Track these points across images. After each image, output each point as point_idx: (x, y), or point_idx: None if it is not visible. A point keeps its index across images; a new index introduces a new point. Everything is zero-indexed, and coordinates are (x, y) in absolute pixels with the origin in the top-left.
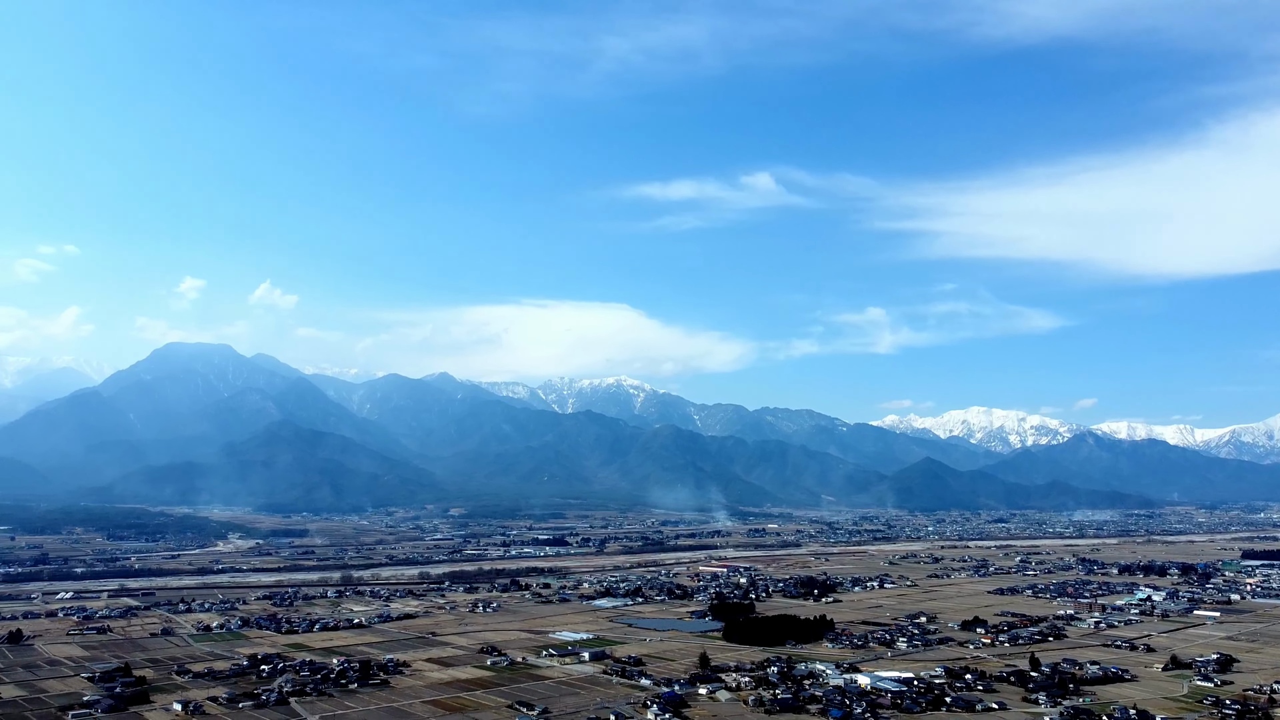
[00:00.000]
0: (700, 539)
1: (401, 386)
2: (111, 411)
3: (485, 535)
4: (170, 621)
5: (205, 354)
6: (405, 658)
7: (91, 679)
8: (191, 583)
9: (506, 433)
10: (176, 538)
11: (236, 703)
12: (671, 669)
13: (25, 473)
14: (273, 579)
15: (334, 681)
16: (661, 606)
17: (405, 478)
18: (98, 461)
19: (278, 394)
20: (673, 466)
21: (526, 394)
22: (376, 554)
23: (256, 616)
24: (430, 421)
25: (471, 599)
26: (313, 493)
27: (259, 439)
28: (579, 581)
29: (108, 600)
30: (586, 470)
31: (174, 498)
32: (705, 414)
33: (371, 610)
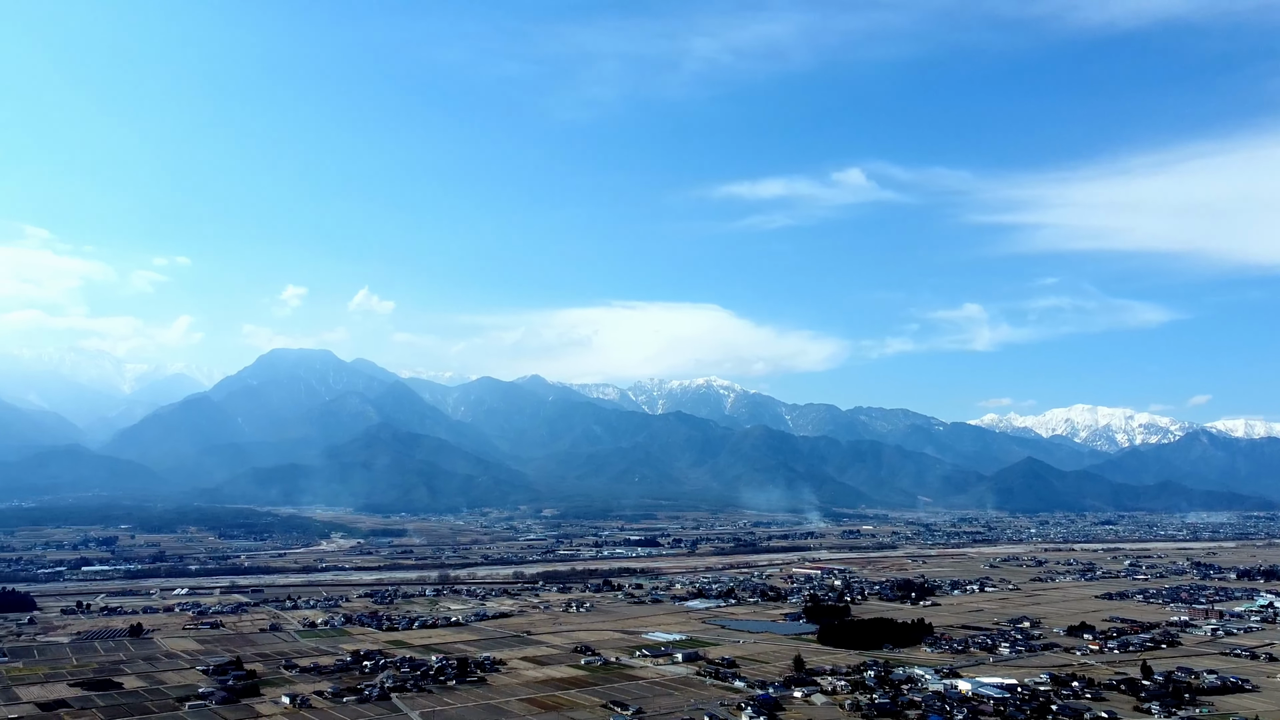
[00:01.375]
0: (793, 540)
1: (494, 389)
2: (221, 415)
3: (577, 536)
4: (278, 618)
5: (307, 359)
6: (501, 656)
7: (206, 672)
8: (297, 580)
9: (597, 434)
10: (283, 537)
11: (341, 697)
12: (765, 671)
13: (143, 474)
14: (373, 577)
15: (433, 678)
16: (754, 608)
17: (498, 479)
18: (209, 463)
19: (376, 397)
20: (764, 467)
21: (617, 395)
22: (472, 554)
23: (358, 614)
24: (522, 423)
25: (565, 599)
26: (410, 493)
27: (359, 441)
28: (671, 582)
29: (220, 596)
30: (677, 471)
31: (279, 498)
32: (797, 414)
33: (468, 609)
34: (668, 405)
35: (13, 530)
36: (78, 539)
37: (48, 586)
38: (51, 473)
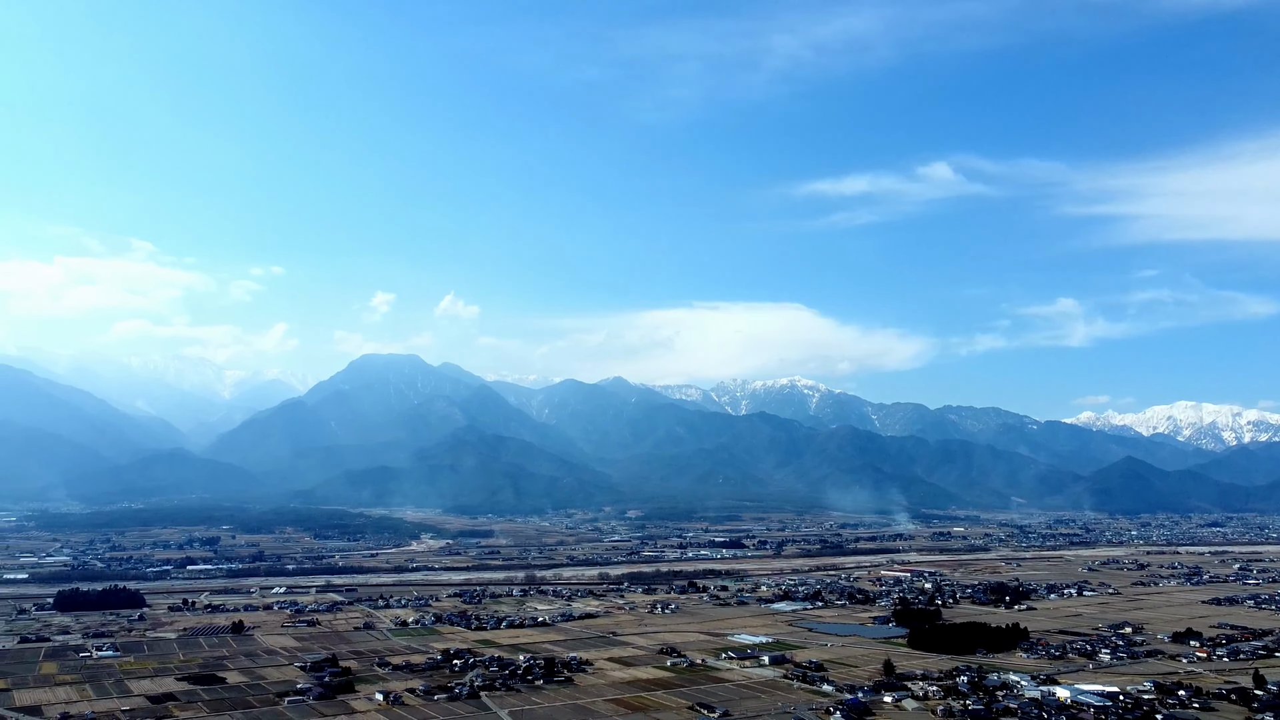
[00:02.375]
0: (881, 542)
1: (578, 391)
2: (315, 420)
3: (661, 537)
4: (371, 616)
5: (396, 364)
6: (588, 656)
7: (303, 668)
8: (389, 580)
9: (680, 435)
10: (374, 537)
11: (432, 695)
12: (854, 675)
13: (242, 477)
14: (462, 578)
15: (521, 677)
16: (842, 611)
17: (583, 480)
18: (303, 466)
19: (462, 401)
20: (850, 468)
21: (699, 396)
22: (557, 555)
23: (448, 613)
24: (605, 425)
25: (650, 600)
26: (496, 495)
27: (446, 444)
28: (756, 584)
29: (316, 595)
30: (761, 472)
31: (370, 500)
32: (883, 413)
33: (554, 609)
34: (751, 406)
35: (123, 530)
36: (183, 539)
37: (155, 584)
38: (157, 475)
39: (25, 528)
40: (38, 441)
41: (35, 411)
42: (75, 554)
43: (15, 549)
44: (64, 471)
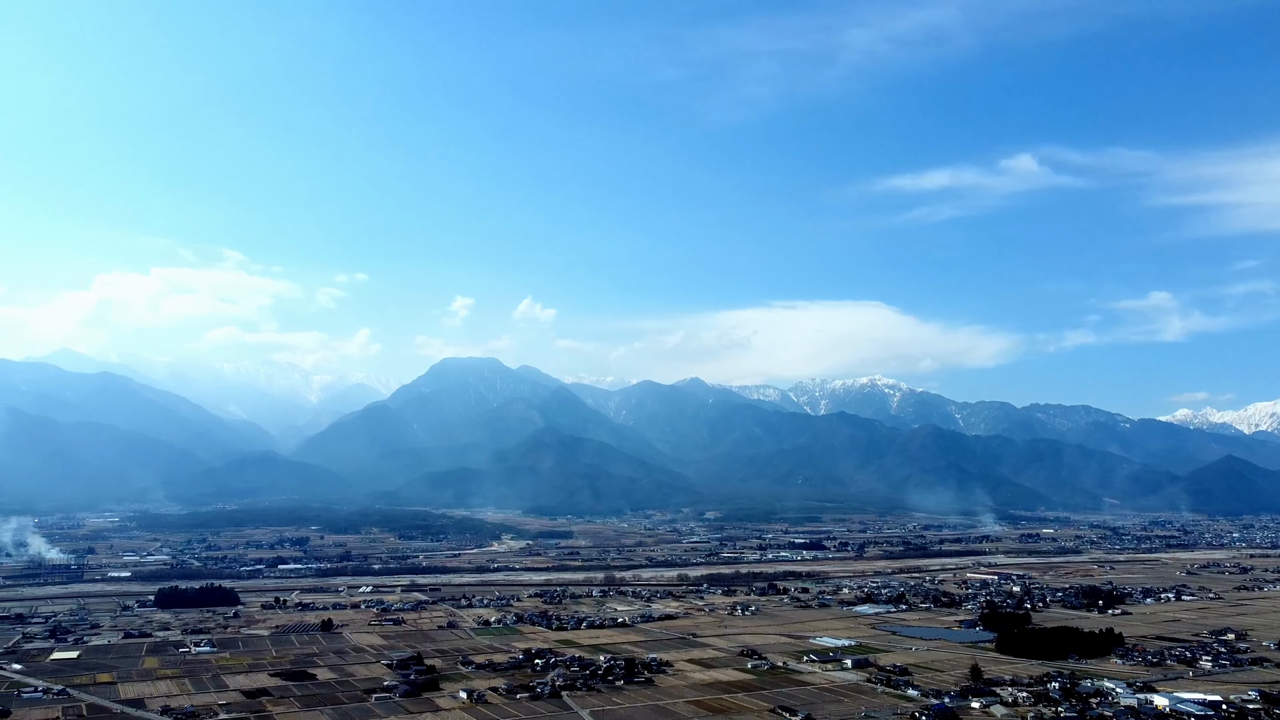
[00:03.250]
0: (966, 544)
1: (654, 393)
2: (398, 422)
3: (740, 538)
4: (454, 615)
5: (476, 367)
6: (668, 657)
7: (390, 666)
8: (471, 580)
9: (758, 436)
10: (456, 538)
11: (514, 694)
12: (940, 680)
13: (330, 479)
14: (542, 578)
15: (601, 677)
16: (926, 614)
17: (660, 481)
18: (387, 468)
19: (541, 403)
20: (933, 468)
21: (778, 396)
22: (636, 556)
23: (529, 613)
24: (683, 426)
25: (730, 601)
26: (574, 496)
27: (525, 446)
28: (838, 586)
29: (401, 594)
30: (841, 473)
31: (452, 500)
32: (968, 412)
33: (634, 610)
34: (830, 406)
35: (218, 530)
36: (273, 539)
37: (249, 583)
38: (249, 477)
39: (127, 528)
40: (138, 445)
41: (135, 416)
42: (174, 553)
43: (119, 548)
44: (162, 473)
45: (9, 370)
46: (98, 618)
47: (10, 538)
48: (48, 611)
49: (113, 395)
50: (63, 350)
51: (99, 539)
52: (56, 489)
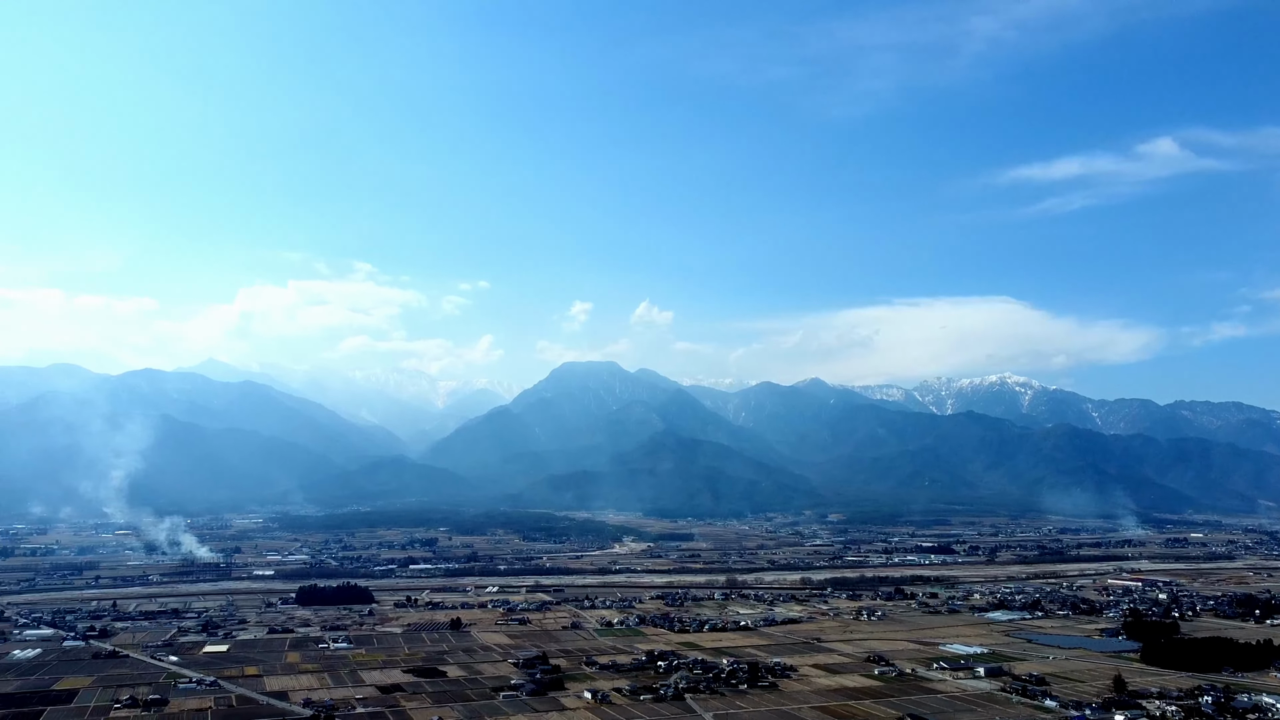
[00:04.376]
0: (1106, 549)
1: (774, 394)
2: (520, 426)
3: (865, 541)
4: (577, 616)
5: (595, 371)
6: (791, 662)
7: (517, 664)
8: (593, 581)
9: (882, 436)
10: (578, 540)
11: (638, 695)
12: (1080, 691)
13: (456, 481)
14: (663, 580)
15: (725, 681)
16: (1064, 622)
17: (781, 483)
18: (510, 471)
19: (659, 405)
20: (1069, 469)
21: (901, 396)
22: (758, 558)
23: (651, 615)
24: (803, 427)
25: (855, 606)
26: (694, 498)
27: (644, 448)
28: (968, 592)
29: (526, 595)
30: (970, 474)
31: (573, 503)
32: (1105, 410)
33: (756, 613)
34: (957, 405)
35: (353, 531)
36: (404, 540)
37: (382, 582)
38: (381, 480)
39: (270, 528)
40: (278, 449)
41: (276, 422)
42: (312, 553)
43: (262, 548)
44: (301, 477)
45: (162, 380)
46: (244, 613)
47: (164, 536)
48: (200, 607)
49: (255, 403)
50: (209, 361)
51: (244, 539)
52: (205, 491)
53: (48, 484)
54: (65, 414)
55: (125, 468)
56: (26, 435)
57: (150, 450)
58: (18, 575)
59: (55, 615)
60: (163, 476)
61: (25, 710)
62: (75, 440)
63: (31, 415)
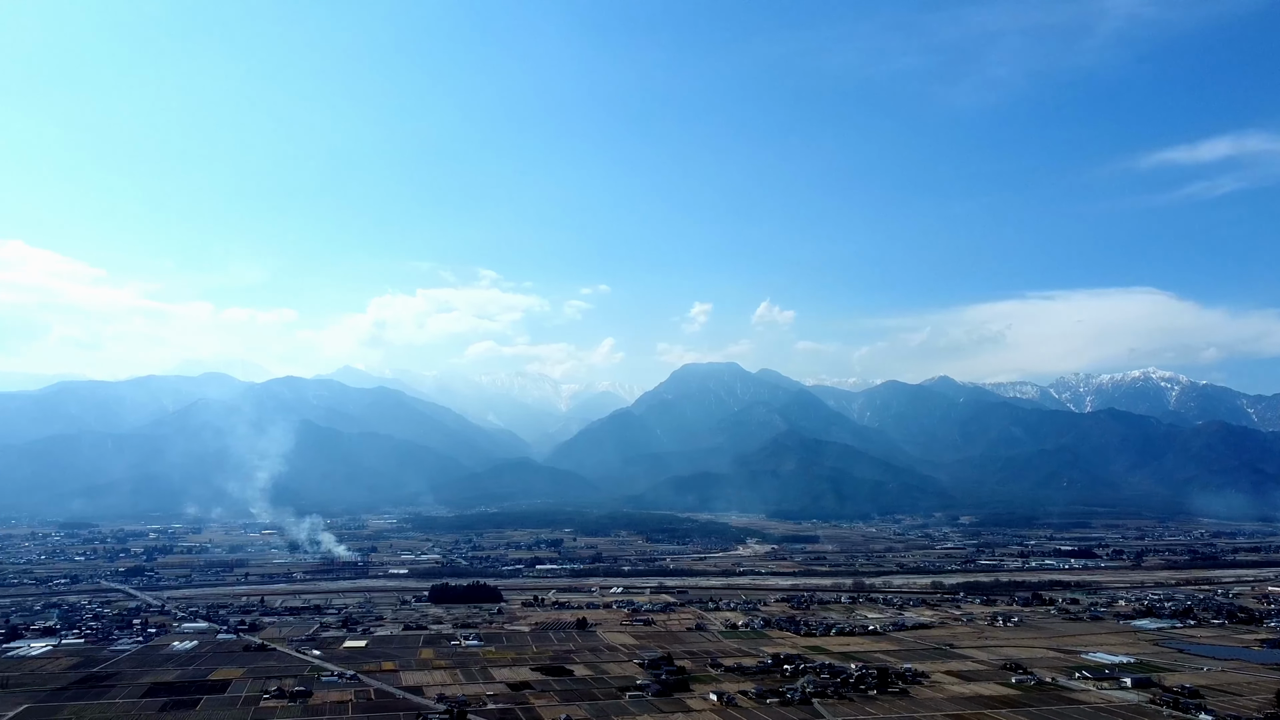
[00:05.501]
0: (1266, 554)
1: (900, 393)
2: (642, 428)
3: (999, 545)
4: (702, 618)
5: (716, 372)
6: (923, 667)
7: (642, 665)
8: (717, 583)
9: (1015, 436)
10: (701, 541)
11: (764, 698)
12: (1239, 705)
13: (580, 483)
14: (788, 583)
15: (853, 686)
16: (1219, 631)
17: (908, 484)
18: (633, 472)
19: (781, 406)
20: (1222, 469)
21: (1036, 394)
22: (886, 561)
23: (776, 617)
24: (931, 427)
25: (989, 611)
26: (818, 500)
27: (766, 449)
28: (1112, 598)
29: (650, 596)
30: (1112, 474)
31: (695, 504)
32: (1262, 406)
33: (885, 618)
34: (1097, 402)
35: (481, 532)
36: (530, 540)
37: (509, 581)
38: (507, 482)
39: (404, 529)
40: (410, 453)
41: (408, 426)
42: (443, 553)
43: (396, 547)
44: (431, 478)
45: (302, 387)
46: (381, 610)
47: (305, 535)
48: (339, 604)
49: (388, 408)
50: (345, 368)
51: (380, 539)
52: (342, 493)
53: (200, 485)
54: (215, 420)
55: (269, 470)
56: (181, 440)
57: (292, 453)
58: (176, 572)
59: (209, 609)
60: (303, 478)
61: (184, 699)
62: (224, 444)
63: (185, 421)
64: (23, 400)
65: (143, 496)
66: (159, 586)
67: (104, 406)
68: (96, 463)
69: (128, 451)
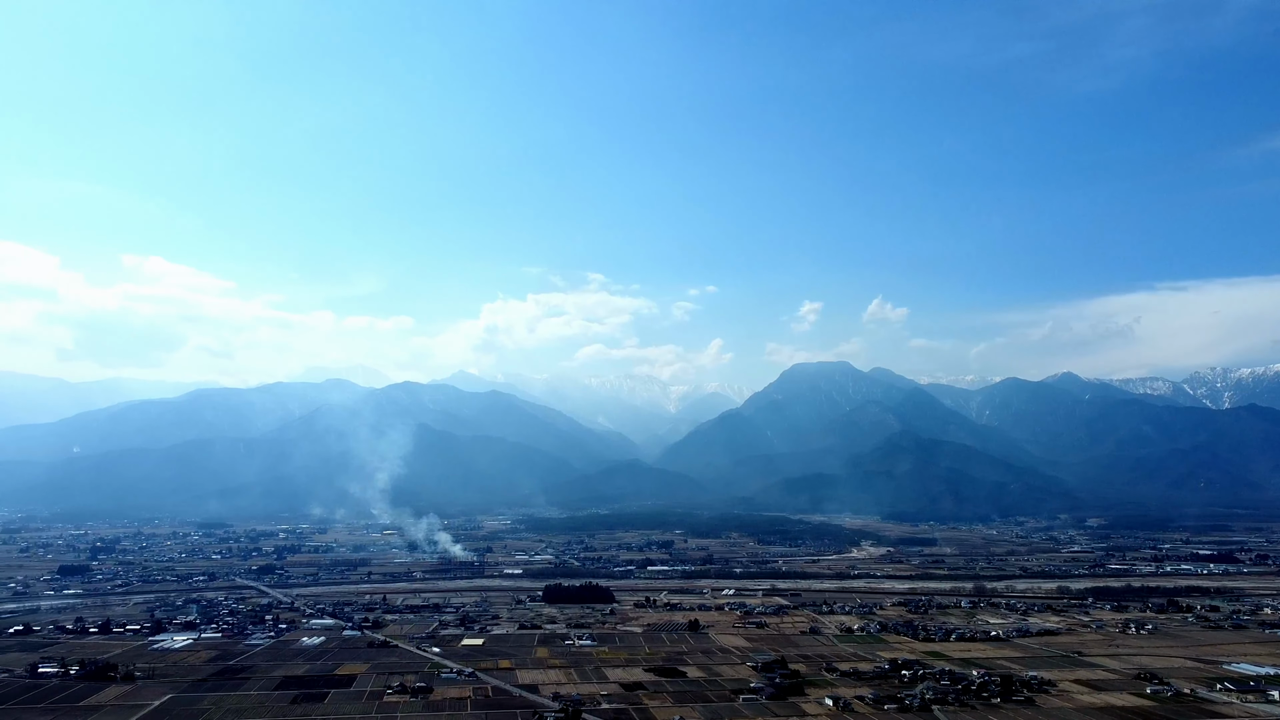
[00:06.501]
0: None
1: (1021, 390)
2: (751, 429)
3: (1129, 548)
4: (815, 621)
5: (826, 372)
6: (1049, 676)
7: (755, 668)
8: (830, 586)
9: (1146, 434)
10: (814, 543)
11: (881, 704)
12: None
13: (689, 485)
14: (905, 586)
15: (975, 693)
16: None
17: (1031, 485)
18: (742, 474)
19: (895, 405)
20: None
21: (1168, 390)
22: (1008, 565)
23: (893, 622)
24: (1055, 425)
25: (1121, 618)
26: (935, 501)
27: (880, 449)
28: (1257, 605)
29: (762, 598)
30: (1254, 475)
31: (807, 506)
32: None
33: (1008, 624)
34: (1236, 398)
35: (593, 533)
36: (641, 542)
37: (621, 582)
38: (617, 484)
39: (517, 530)
40: (523, 455)
41: (520, 429)
42: (556, 553)
43: (511, 548)
44: (542, 480)
45: (419, 392)
46: (496, 609)
47: (423, 536)
48: (457, 602)
49: (500, 411)
50: (460, 373)
51: (494, 539)
52: (457, 494)
53: (324, 487)
54: (338, 424)
55: (388, 472)
56: (306, 443)
57: (410, 456)
58: (304, 570)
59: (335, 607)
60: (420, 480)
61: (313, 692)
62: (347, 447)
63: (310, 426)
64: (163, 407)
65: (272, 498)
66: (288, 584)
67: (236, 412)
68: (230, 466)
69: (258, 455)
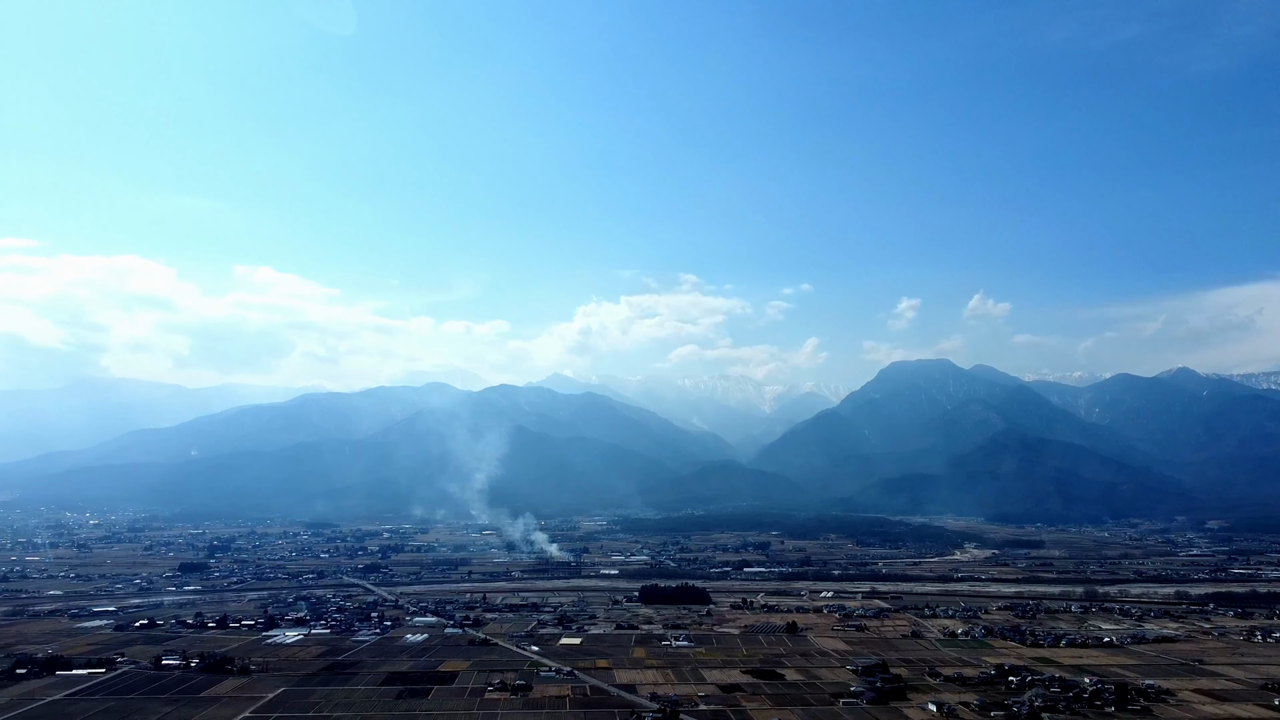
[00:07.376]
0: None
1: (1133, 387)
2: (848, 429)
3: (1255, 552)
4: (917, 625)
5: (925, 370)
6: (1168, 685)
7: (855, 671)
8: (933, 589)
9: (1272, 432)
10: (915, 545)
11: (987, 711)
12: None
13: (785, 485)
14: (1011, 590)
15: (1088, 702)
16: None
17: (1145, 486)
18: (840, 475)
19: (999, 403)
20: None
21: None
22: (1121, 569)
23: (999, 626)
24: (1169, 423)
25: (1245, 625)
26: (1042, 502)
27: (983, 449)
28: None
29: (861, 601)
30: None
31: (906, 507)
32: None
33: (1121, 630)
34: None
35: (688, 534)
36: (737, 543)
37: (717, 583)
38: (712, 485)
39: (613, 531)
40: (617, 456)
41: (614, 430)
42: (651, 554)
43: (607, 549)
44: (638, 481)
45: (515, 394)
46: (594, 609)
47: (520, 536)
48: (555, 602)
49: (595, 413)
50: (555, 375)
51: (590, 540)
52: (554, 495)
53: (425, 488)
54: (438, 426)
55: (486, 473)
56: (408, 445)
57: (507, 458)
58: (407, 569)
59: (437, 605)
60: (517, 481)
61: (417, 688)
62: (446, 449)
63: (411, 428)
64: (273, 412)
65: (375, 499)
66: (392, 582)
67: (341, 416)
68: (336, 467)
69: (362, 457)
